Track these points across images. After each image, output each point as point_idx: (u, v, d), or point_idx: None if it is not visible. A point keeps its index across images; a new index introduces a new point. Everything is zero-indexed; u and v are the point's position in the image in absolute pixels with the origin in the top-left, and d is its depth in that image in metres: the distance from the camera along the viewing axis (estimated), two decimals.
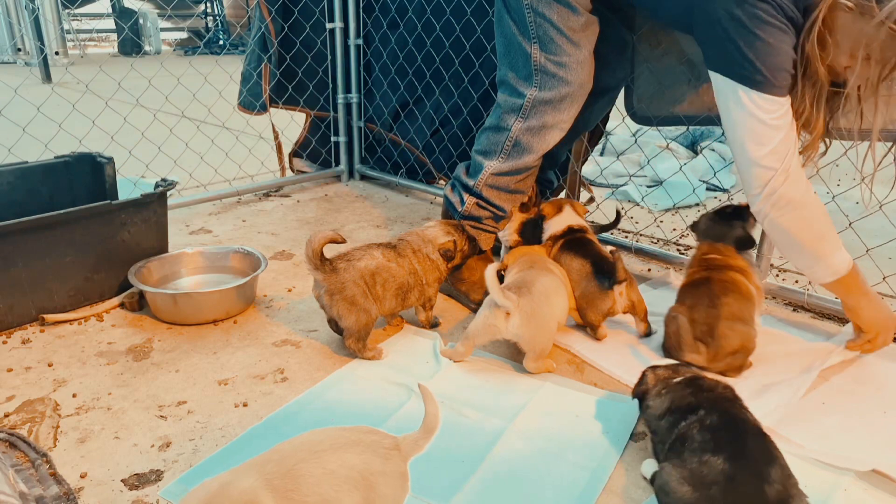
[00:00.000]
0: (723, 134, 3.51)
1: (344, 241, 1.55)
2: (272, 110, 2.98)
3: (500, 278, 1.69)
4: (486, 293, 1.60)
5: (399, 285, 1.62)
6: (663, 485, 1.10)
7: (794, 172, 1.42)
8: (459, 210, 1.90)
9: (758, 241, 1.74)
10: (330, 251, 1.56)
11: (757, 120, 1.37)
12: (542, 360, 1.54)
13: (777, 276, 2.16)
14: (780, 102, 1.37)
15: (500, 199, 1.87)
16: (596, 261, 1.67)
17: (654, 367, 1.34)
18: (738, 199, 2.97)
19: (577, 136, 2.17)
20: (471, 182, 1.87)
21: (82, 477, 1.19)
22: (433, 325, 1.77)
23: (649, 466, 1.22)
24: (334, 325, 1.65)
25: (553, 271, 1.64)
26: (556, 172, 2.29)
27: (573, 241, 1.75)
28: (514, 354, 1.63)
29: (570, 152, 2.33)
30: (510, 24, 1.71)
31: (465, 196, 1.89)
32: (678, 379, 1.26)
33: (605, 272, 1.64)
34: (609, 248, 1.68)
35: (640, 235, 2.49)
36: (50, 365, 1.55)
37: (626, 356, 1.62)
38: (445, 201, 1.99)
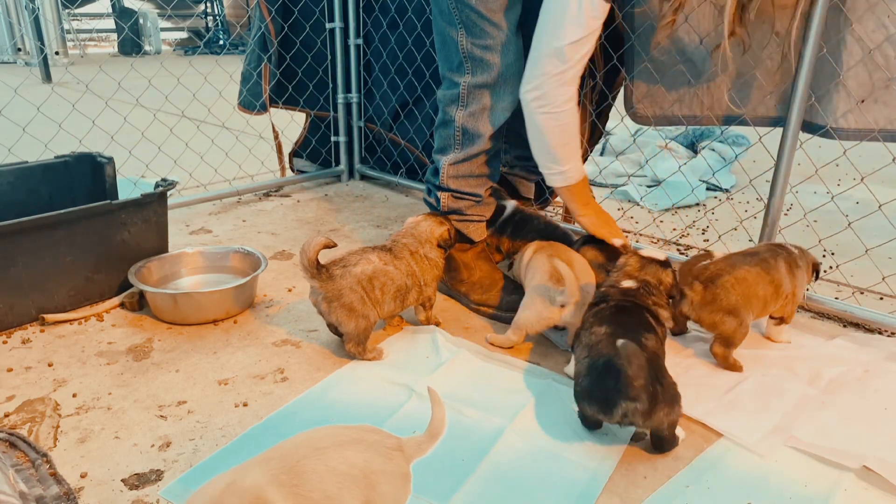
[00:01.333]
0: (722, 133, 3.54)
1: (336, 246, 1.56)
2: (272, 110, 2.97)
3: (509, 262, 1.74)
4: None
5: (398, 288, 1.62)
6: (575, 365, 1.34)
7: (569, 80, 1.57)
8: (439, 208, 1.94)
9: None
10: (325, 256, 1.56)
11: (574, 12, 1.48)
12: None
13: None
14: (601, 7, 1.48)
15: (469, 186, 1.89)
16: (610, 254, 1.74)
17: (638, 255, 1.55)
18: (736, 199, 2.99)
19: None
20: (437, 181, 1.91)
21: (82, 477, 1.19)
22: (435, 325, 1.77)
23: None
24: (333, 328, 1.65)
25: (577, 253, 1.73)
26: None
27: (595, 239, 1.81)
28: (515, 352, 1.64)
29: None
30: (439, 19, 1.76)
31: (438, 194, 1.92)
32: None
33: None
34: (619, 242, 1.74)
35: (640, 235, 2.49)
36: (50, 365, 1.55)
37: None
38: (427, 204, 2.01)
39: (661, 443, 1.26)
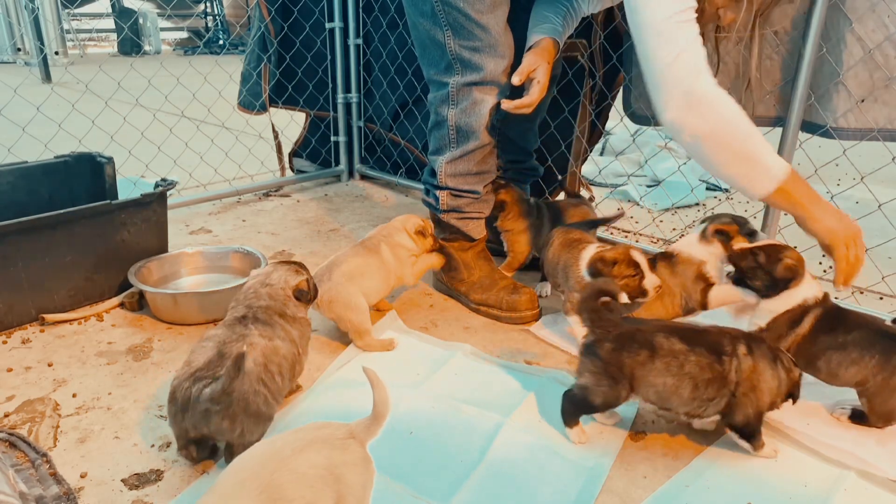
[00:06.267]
0: None
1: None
2: (272, 110, 2.98)
3: None
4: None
5: (290, 364, 1.32)
6: None
7: (706, 70, 1.32)
8: (438, 207, 1.93)
9: None
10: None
11: (665, 17, 1.31)
12: (368, 337, 1.63)
13: None
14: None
15: (467, 183, 1.89)
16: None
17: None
18: (736, 199, 2.98)
19: (536, 121, 2.15)
20: (435, 180, 1.91)
21: (82, 477, 1.19)
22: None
23: None
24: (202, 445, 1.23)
25: (366, 254, 1.70)
26: (536, 161, 2.27)
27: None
28: (513, 353, 1.64)
29: (554, 141, 2.31)
30: (421, 22, 1.75)
31: (437, 193, 1.92)
32: None
33: None
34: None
35: (640, 235, 2.49)
36: (50, 365, 1.55)
37: None
38: (426, 205, 2.01)
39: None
